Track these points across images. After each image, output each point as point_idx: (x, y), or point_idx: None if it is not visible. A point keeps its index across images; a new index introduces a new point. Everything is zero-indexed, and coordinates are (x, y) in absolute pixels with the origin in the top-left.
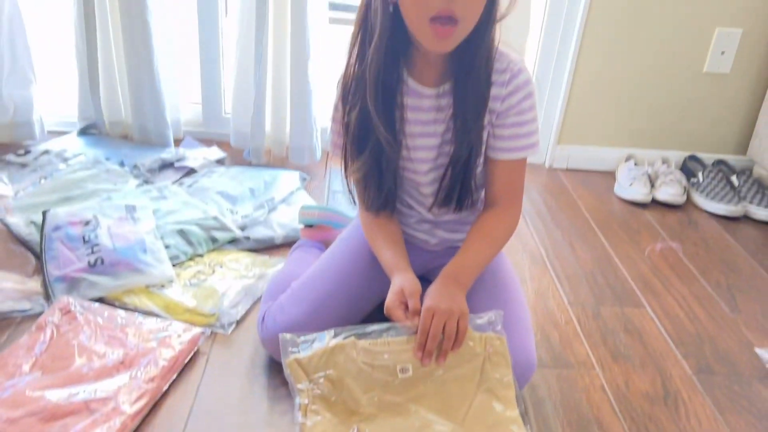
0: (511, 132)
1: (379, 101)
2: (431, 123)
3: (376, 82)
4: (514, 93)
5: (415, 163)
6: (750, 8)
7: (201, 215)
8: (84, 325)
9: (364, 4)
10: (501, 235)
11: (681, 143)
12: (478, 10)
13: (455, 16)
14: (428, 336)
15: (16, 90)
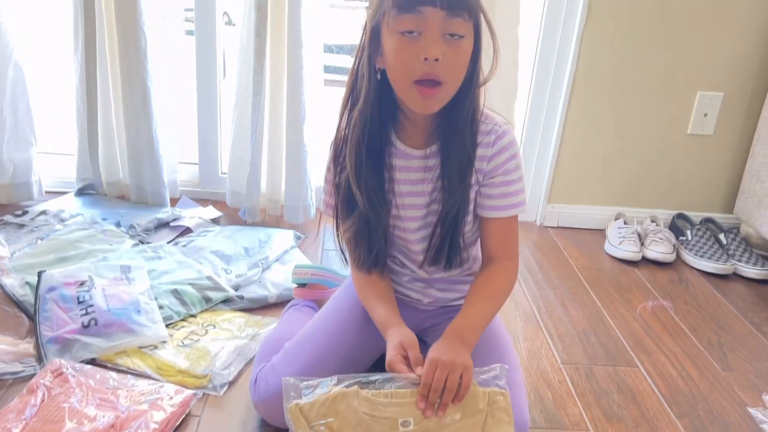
0: (499, 191)
1: (364, 164)
2: (419, 182)
3: (359, 145)
4: (499, 153)
5: (405, 221)
6: (729, 73)
7: (195, 275)
8: (75, 387)
9: (353, 71)
10: (502, 288)
11: (669, 202)
12: (460, 73)
13: (439, 79)
14: (431, 388)
15: (17, 152)
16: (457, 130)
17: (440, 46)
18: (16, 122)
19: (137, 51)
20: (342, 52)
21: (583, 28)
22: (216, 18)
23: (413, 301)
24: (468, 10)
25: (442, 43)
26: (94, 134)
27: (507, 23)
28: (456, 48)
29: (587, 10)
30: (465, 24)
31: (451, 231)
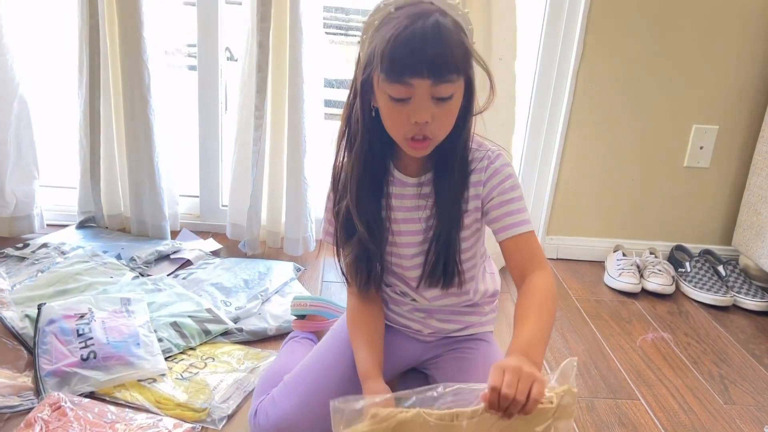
0: (502, 211)
1: (364, 194)
2: (414, 209)
3: (359, 178)
4: (493, 175)
5: (401, 248)
6: (724, 106)
7: (195, 307)
8: (74, 421)
9: (348, 104)
10: (546, 295)
11: (667, 234)
12: (450, 126)
13: (429, 136)
14: (500, 394)
15: (19, 186)
16: (451, 159)
17: (429, 110)
18: (19, 156)
19: (140, 85)
20: (342, 87)
21: (579, 62)
22: (218, 53)
23: (413, 332)
24: (456, 72)
25: (431, 106)
26: (96, 167)
27: (504, 59)
28: (445, 108)
29: (583, 45)
30: (453, 85)
31: (445, 250)
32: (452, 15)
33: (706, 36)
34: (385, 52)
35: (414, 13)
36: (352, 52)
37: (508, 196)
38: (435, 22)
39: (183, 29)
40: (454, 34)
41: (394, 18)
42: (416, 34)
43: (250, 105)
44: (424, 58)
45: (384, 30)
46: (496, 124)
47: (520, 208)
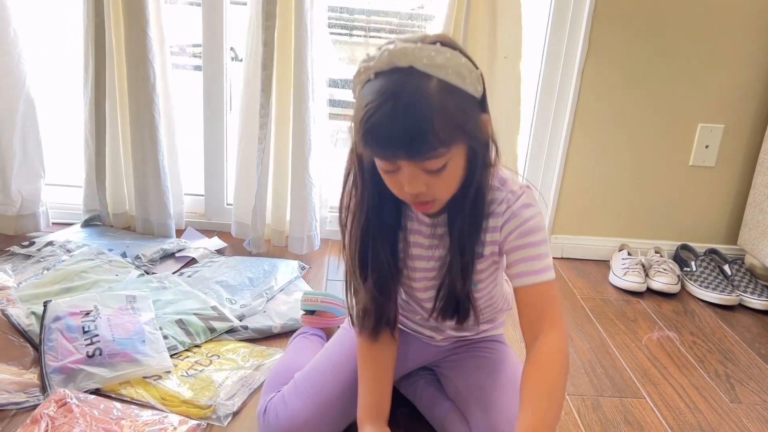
0: (518, 256)
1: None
2: (428, 248)
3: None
4: (510, 219)
5: (415, 281)
6: (730, 105)
7: (200, 305)
8: (80, 417)
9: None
10: (559, 375)
11: (672, 233)
12: (451, 189)
13: (429, 200)
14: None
15: (25, 184)
16: (465, 203)
17: (420, 182)
18: (25, 155)
19: (146, 84)
20: (347, 87)
21: (584, 62)
22: (224, 53)
23: (426, 338)
24: (441, 146)
25: (421, 178)
26: (101, 166)
27: (509, 57)
28: (441, 176)
29: (588, 44)
30: (442, 158)
31: (457, 294)
32: (440, 76)
33: (712, 34)
34: (360, 131)
35: (388, 89)
36: (357, 52)
37: (525, 241)
38: (411, 98)
39: (188, 29)
40: (437, 105)
41: (372, 88)
42: (387, 116)
43: (254, 104)
44: (398, 142)
45: (362, 100)
46: (501, 123)
47: (538, 255)
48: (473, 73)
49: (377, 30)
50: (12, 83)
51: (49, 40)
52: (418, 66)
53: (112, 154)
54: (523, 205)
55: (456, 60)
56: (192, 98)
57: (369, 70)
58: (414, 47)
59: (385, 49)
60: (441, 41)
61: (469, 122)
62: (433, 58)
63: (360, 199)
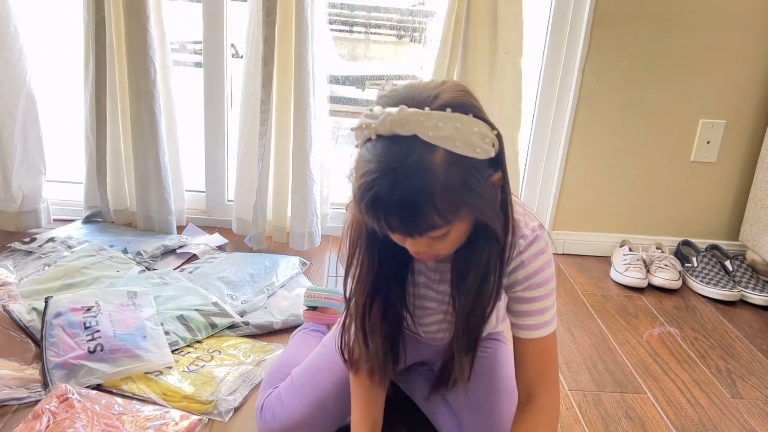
0: (523, 308)
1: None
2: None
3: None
4: (519, 268)
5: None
6: (731, 100)
7: (201, 301)
8: (81, 412)
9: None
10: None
11: (674, 229)
12: (454, 247)
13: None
14: None
15: (26, 180)
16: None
17: (421, 245)
18: (26, 151)
19: (146, 80)
20: (347, 83)
21: (585, 57)
22: (224, 50)
23: (423, 337)
24: (442, 224)
25: (422, 242)
26: (102, 162)
27: (510, 53)
28: (445, 241)
29: (589, 40)
30: (443, 230)
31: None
32: (447, 147)
33: (713, 30)
34: (359, 197)
35: (388, 160)
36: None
37: (532, 294)
38: (411, 173)
39: (189, 26)
40: (440, 181)
41: (372, 152)
42: (385, 190)
43: (255, 100)
44: (395, 219)
45: (362, 162)
46: (502, 120)
47: (543, 308)
48: (486, 139)
49: (378, 26)
50: (13, 79)
51: (49, 37)
52: (423, 137)
53: (112, 151)
54: (534, 254)
55: (467, 128)
56: (193, 95)
57: (370, 129)
58: (419, 115)
59: (387, 112)
60: (453, 104)
61: (473, 196)
62: (440, 129)
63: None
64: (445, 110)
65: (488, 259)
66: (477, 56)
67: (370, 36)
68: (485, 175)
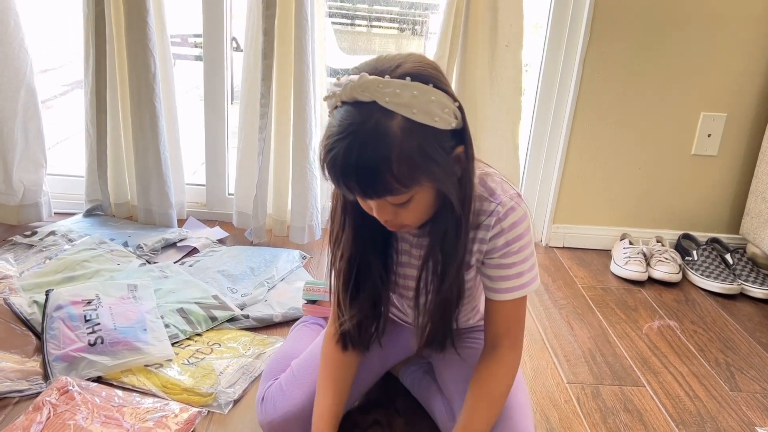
0: (497, 273)
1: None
2: (415, 257)
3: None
4: (497, 236)
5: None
6: (733, 94)
7: (201, 294)
8: (81, 405)
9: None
10: (502, 393)
11: (674, 222)
12: (422, 217)
13: (399, 224)
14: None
15: (27, 174)
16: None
17: (386, 211)
18: (27, 144)
19: (146, 74)
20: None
21: (585, 50)
22: (225, 43)
23: (411, 326)
24: (401, 186)
25: (388, 208)
26: (102, 156)
27: (510, 46)
28: (409, 208)
29: (590, 33)
30: (403, 195)
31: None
32: (404, 114)
33: (714, 23)
34: (321, 160)
35: (348, 125)
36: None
37: (509, 260)
38: (368, 137)
39: (190, 19)
40: (396, 146)
41: (336, 117)
42: (343, 152)
43: (255, 93)
44: (353, 180)
45: (328, 127)
46: (503, 113)
47: (521, 272)
48: (446, 109)
49: (379, 19)
50: (13, 73)
51: (49, 30)
52: (381, 103)
53: (113, 144)
54: (513, 222)
55: (424, 97)
56: (193, 88)
57: (336, 96)
58: (378, 82)
59: (349, 79)
60: (413, 74)
61: (431, 163)
62: (397, 95)
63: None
64: (405, 79)
65: (446, 230)
66: (477, 49)
67: (372, 29)
68: (446, 145)
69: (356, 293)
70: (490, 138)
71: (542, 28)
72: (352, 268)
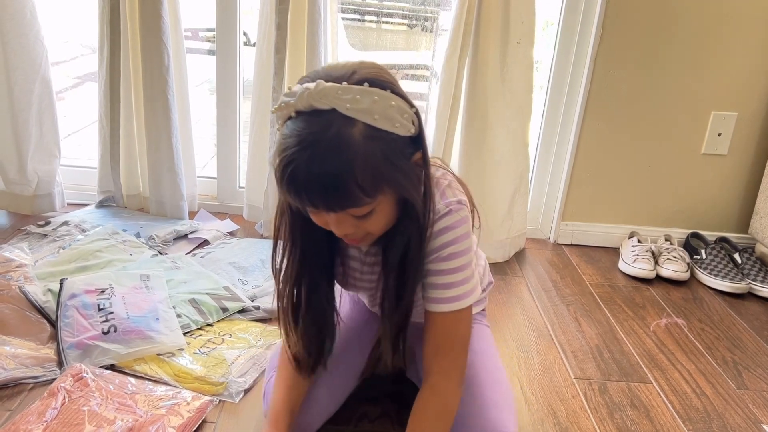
0: (433, 281)
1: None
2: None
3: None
4: (431, 239)
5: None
6: (744, 93)
7: (213, 285)
8: (95, 391)
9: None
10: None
11: (683, 221)
12: (382, 227)
13: (360, 237)
14: None
15: (41, 165)
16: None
17: (347, 225)
18: (41, 135)
19: (160, 66)
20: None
21: (597, 48)
22: (237, 37)
23: None
24: (364, 197)
25: (348, 221)
26: (115, 147)
27: (522, 43)
28: (367, 220)
29: (601, 30)
30: (367, 206)
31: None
32: (365, 121)
33: (726, 22)
34: (278, 177)
35: (307, 134)
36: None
37: (438, 267)
38: (330, 147)
39: (201, 13)
40: (359, 155)
41: (291, 128)
42: (304, 165)
43: (267, 87)
44: (316, 194)
45: (281, 141)
46: (513, 110)
47: (450, 283)
48: (405, 114)
49: (389, 15)
50: (28, 64)
51: (62, 23)
52: (341, 110)
53: (126, 136)
54: (444, 228)
55: (385, 102)
56: (203, 82)
57: (290, 106)
58: (337, 89)
59: (305, 87)
60: (370, 79)
61: (395, 171)
62: (358, 101)
63: (290, 232)
64: (363, 84)
65: (409, 237)
66: (489, 45)
67: (382, 25)
68: (406, 152)
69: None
70: (500, 135)
71: (553, 25)
72: (299, 291)
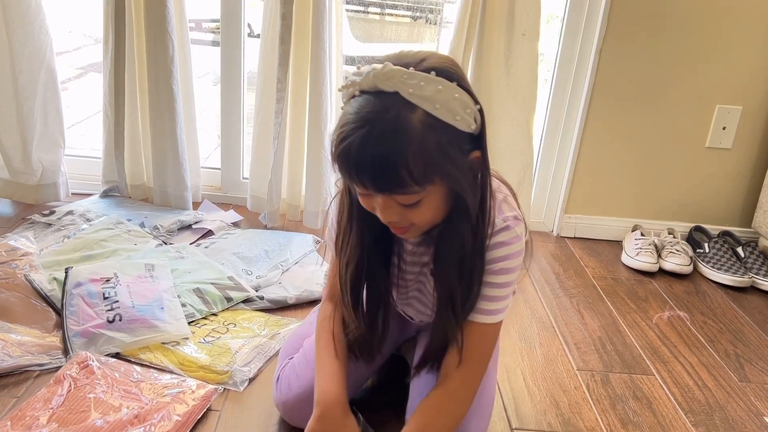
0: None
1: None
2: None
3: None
4: (488, 251)
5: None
6: (748, 87)
7: (217, 275)
8: (101, 379)
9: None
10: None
11: (686, 215)
12: (429, 221)
13: (405, 226)
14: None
15: (46, 154)
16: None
17: (392, 212)
18: (46, 125)
19: (165, 57)
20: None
21: (602, 41)
22: (242, 28)
23: (407, 317)
24: (415, 184)
25: (395, 208)
26: (120, 137)
27: (527, 35)
28: (414, 210)
29: (606, 23)
30: (415, 195)
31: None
32: (426, 108)
33: (731, 15)
34: (333, 151)
35: (366, 113)
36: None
37: (487, 278)
38: (387, 128)
39: (205, 3)
40: (415, 140)
41: (354, 106)
42: (358, 142)
43: (271, 78)
44: (365, 172)
45: (342, 117)
46: (518, 102)
47: (496, 296)
48: (467, 110)
49: (393, 7)
50: (33, 54)
51: (65, 13)
52: (404, 94)
53: (130, 126)
54: (500, 243)
55: (448, 93)
56: (206, 73)
57: (355, 85)
58: (402, 72)
59: (372, 67)
60: (438, 69)
61: (449, 163)
62: (421, 88)
63: (351, 218)
64: (430, 73)
65: (463, 236)
66: (493, 38)
67: (386, 17)
68: (464, 147)
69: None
70: (504, 127)
71: (557, 18)
72: (360, 277)
